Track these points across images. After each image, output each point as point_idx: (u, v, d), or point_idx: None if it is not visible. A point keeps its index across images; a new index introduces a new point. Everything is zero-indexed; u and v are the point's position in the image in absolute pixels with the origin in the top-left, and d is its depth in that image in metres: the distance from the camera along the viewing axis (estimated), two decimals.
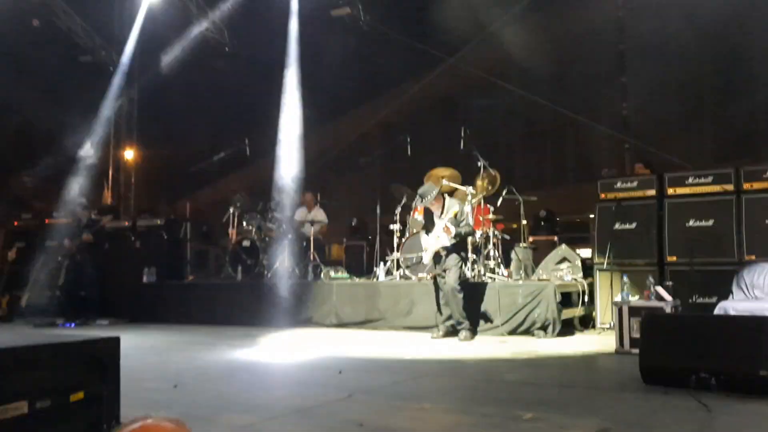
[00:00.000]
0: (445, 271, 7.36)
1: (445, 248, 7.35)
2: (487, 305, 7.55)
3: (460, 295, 7.25)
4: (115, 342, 2.99)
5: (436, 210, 7.49)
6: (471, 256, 8.14)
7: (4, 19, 12.38)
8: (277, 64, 13.76)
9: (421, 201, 7.56)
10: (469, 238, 7.98)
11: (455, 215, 7.31)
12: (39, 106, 13.04)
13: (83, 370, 2.84)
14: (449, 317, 7.35)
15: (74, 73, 14.76)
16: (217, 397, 4.34)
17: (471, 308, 7.42)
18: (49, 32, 13.87)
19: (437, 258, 7.46)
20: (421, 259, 8.14)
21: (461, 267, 7.46)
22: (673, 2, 10.22)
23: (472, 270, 8.12)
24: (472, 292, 7.53)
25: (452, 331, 7.36)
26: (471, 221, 7.94)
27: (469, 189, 8.53)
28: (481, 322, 7.54)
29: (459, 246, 7.49)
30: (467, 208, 8.11)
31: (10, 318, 10.32)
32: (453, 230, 7.20)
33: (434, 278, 7.77)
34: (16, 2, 13.11)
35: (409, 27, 12.51)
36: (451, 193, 8.66)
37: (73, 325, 9.49)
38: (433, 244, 7.45)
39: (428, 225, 7.59)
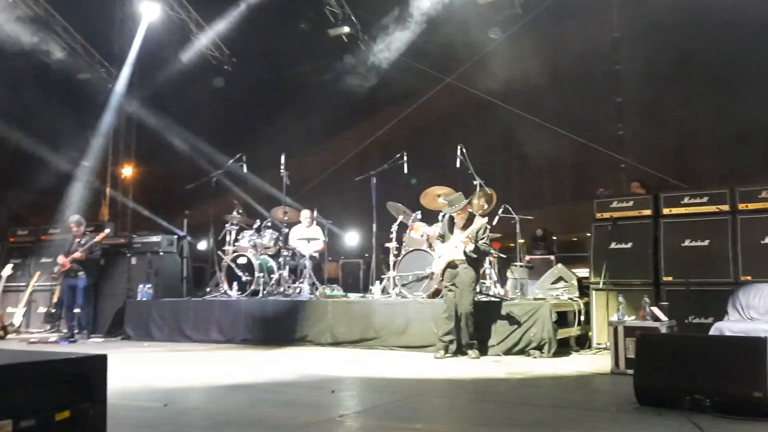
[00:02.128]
0: (454, 284, 7.30)
1: (463, 261, 7.25)
2: (482, 324, 7.49)
3: (473, 318, 7.21)
4: (102, 359, 2.95)
5: (459, 221, 7.45)
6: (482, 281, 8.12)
7: (3, 36, 12.47)
8: (275, 81, 13.87)
9: (450, 207, 7.47)
10: (487, 258, 7.96)
11: (478, 230, 7.26)
12: (37, 123, 13.07)
13: (69, 389, 2.80)
14: (447, 333, 7.27)
15: (73, 90, 14.83)
16: (207, 417, 4.30)
17: None
18: (48, 49, 13.94)
19: (452, 266, 7.36)
20: (430, 275, 8.15)
21: (474, 289, 7.41)
22: (667, 22, 10.33)
23: None
24: None
25: (448, 347, 7.29)
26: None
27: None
28: (477, 341, 7.49)
29: (476, 264, 7.40)
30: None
31: (3, 335, 10.26)
32: (473, 244, 7.14)
33: (436, 293, 7.67)
34: (16, 19, 13.21)
35: (408, 46, 12.59)
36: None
37: (67, 342, 9.45)
38: (448, 253, 7.38)
39: (446, 233, 7.54)
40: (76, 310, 9.64)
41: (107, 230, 10.17)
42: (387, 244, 9.21)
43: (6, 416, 2.52)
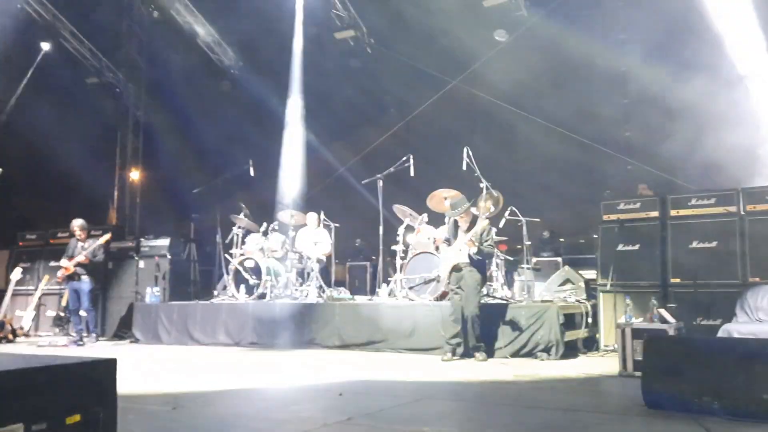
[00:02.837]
0: (459, 287, 7.30)
1: (468, 264, 7.24)
2: (489, 327, 7.49)
3: (479, 321, 7.21)
4: (112, 363, 2.97)
5: (463, 224, 7.45)
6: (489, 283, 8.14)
7: (14, 42, 12.56)
8: (283, 85, 13.91)
9: (452, 210, 7.47)
10: (492, 260, 7.94)
11: (482, 233, 7.25)
12: (47, 128, 13.17)
13: (80, 392, 2.82)
14: (454, 335, 7.28)
15: (81, 94, 14.92)
16: (218, 421, 4.31)
17: None
18: (57, 54, 14.03)
19: (457, 269, 7.36)
20: (437, 278, 8.18)
21: (480, 292, 7.39)
22: (672, 22, 10.30)
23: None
24: None
25: (455, 350, 7.30)
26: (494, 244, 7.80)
27: (472, 210, 8.51)
28: (484, 343, 7.48)
29: (481, 266, 7.39)
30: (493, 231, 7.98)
31: (13, 338, 10.32)
32: (476, 246, 7.14)
33: (443, 295, 7.65)
34: (25, 25, 13.31)
35: (414, 49, 12.62)
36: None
37: (75, 345, 9.49)
38: (453, 256, 7.38)
39: (451, 236, 7.55)
40: (82, 313, 9.67)
41: (110, 233, 10.24)
42: (393, 247, 9.22)
43: (17, 420, 2.54)
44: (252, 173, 10.52)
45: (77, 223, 9.91)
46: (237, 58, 14.99)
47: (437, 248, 8.50)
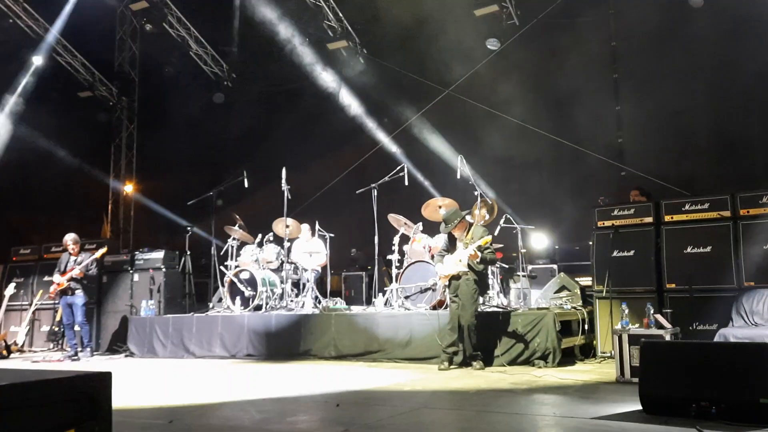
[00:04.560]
0: (456, 296, 7.29)
1: (466, 273, 7.21)
2: (486, 335, 7.48)
3: (475, 330, 7.19)
4: (107, 377, 2.96)
5: (459, 235, 7.44)
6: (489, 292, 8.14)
7: (6, 56, 12.57)
8: (275, 95, 13.94)
9: (446, 226, 7.47)
10: (489, 268, 7.95)
11: (484, 243, 7.21)
12: (40, 142, 13.16)
13: (74, 407, 2.80)
14: (451, 344, 7.27)
15: (75, 107, 14.92)
16: None
17: None
18: (49, 68, 14.04)
19: (455, 278, 7.33)
20: (433, 286, 8.24)
21: (476, 301, 7.38)
22: (664, 30, 10.38)
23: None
24: None
25: (452, 359, 7.28)
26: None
27: (467, 218, 8.52)
28: (481, 352, 7.46)
29: (479, 275, 7.34)
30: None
31: (7, 354, 10.25)
32: (480, 256, 7.14)
33: (439, 304, 7.63)
34: (17, 38, 13.32)
35: (407, 58, 12.67)
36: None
37: (70, 360, 9.44)
38: (452, 267, 7.37)
39: (450, 248, 7.52)
40: (77, 328, 9.64)
41: (105, 248, 10.21)
42: (389, 256, 9.20)
43: None
44: (246, 184, 10.50)
45: (70, 238, 9.88)
46: (230, 70, 15.02)
47: (432, 257, 8.51)
